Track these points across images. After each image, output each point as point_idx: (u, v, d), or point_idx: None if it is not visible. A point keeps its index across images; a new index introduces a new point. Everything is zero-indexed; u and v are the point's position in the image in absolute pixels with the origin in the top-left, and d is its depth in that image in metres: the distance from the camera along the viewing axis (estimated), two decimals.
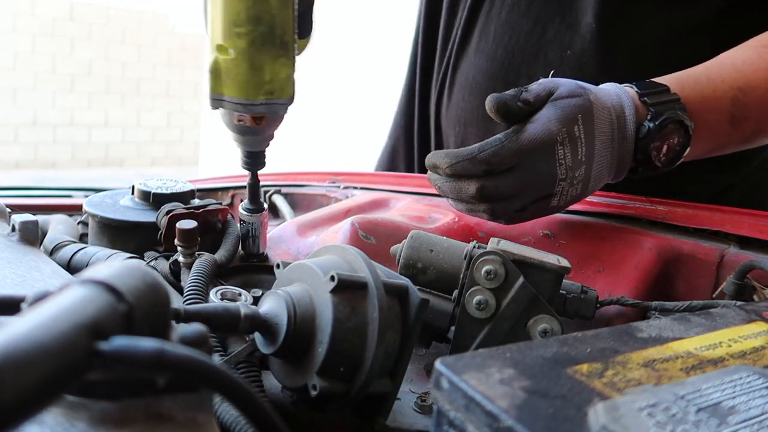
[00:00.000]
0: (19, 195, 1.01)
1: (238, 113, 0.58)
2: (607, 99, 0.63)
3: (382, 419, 0.42)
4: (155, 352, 0.24)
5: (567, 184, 0.60)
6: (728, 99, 0.67)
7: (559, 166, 0.59)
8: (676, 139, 0.64)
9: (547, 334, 0.48)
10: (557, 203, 0.61)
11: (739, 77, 0.68)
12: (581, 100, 0.61)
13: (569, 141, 0.59)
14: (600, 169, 0.62)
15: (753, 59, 0.70)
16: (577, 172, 0.60)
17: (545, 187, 0.60)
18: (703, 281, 0.58)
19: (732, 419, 0.26)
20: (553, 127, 0.59)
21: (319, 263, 0.42)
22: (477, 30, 0.91)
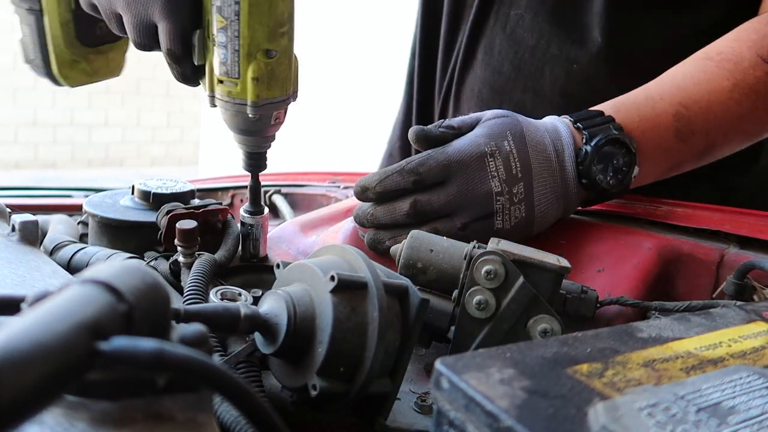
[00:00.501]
0: (19, 195, 1.01)
1: (277, 111, 0.59)
2: (540, 125, 0.63)
3: (382, 419, 0.42)
4: (155, 352, 0.24)
5: (506, 200, 0.59)
6: (670, 115, 0.66)
7: (492, 179, 0.59)
8: (619, 160, 0.63)
9: (547, 334, 0.48)
10: (502, 224, 0.60)
11: (679, 93, 0.67)
12: (509, 120, 0.62)
13: (499, 154, 0.60)
14: (544, 193, 0.61)
15: (693, 73, 0.69)
16: (515, 188, 0.60)
17: (483, 203, 0.59)
18: (703, 281, 0.58)
19: (732, 419, 0.26)
20: (481, 141, 0.60)
21: (319, 263, 0.42)
22: (482, 44, 0.92)
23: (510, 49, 0.88)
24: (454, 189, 0.59)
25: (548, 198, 0.62)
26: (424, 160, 0.59)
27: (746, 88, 0.67)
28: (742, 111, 0.67)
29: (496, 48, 0.90)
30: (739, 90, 0.67)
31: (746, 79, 0.67)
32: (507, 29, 0.89)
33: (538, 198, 0.61)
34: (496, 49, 0.90)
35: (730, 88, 0.67)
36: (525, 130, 0.61)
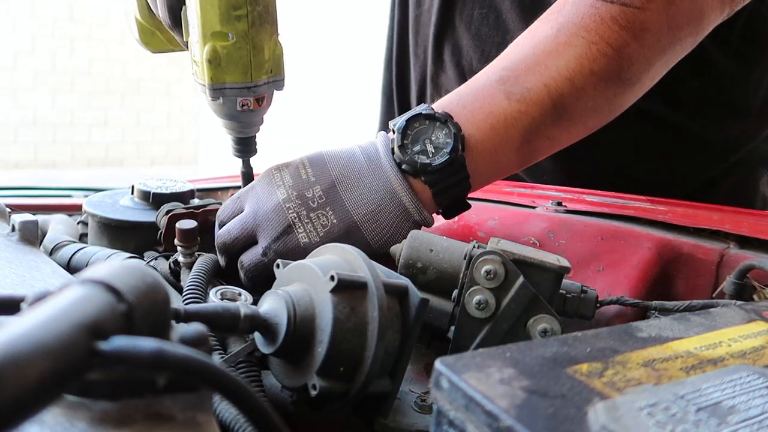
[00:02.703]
0: (19, 195, 1.01)
1: (242, 98, 0.58)
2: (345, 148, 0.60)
3: (382, 419, 0.42)
4: (155, 351, 0.24)
5: (297, 205, 0.56)
6: (493, 81, 0.60)
7: (278, 188, 0.57)
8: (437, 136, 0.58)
9: (546, 333, 0.48)
10: (307, 236, 0.56)
11: (502, 60, 0.62)
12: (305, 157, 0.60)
13: (287, 166, 0.58)
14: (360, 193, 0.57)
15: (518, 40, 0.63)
16: (309, 192, 0.56)
17: (276, 216, 0.56)
18: (703, 281, 0.58)
19: (732, 419, 0.26)
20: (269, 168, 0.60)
21: (318, 263, 0.42)
22: (448, 46, 0.92)
23: (476, 48, 0.89)
24: (245, 213, 0.58)
25: (369, 197, 0.57)
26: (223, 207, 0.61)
27: (572, 26, 0.60)
28: (576, 51, 0.59)
29: (463, 49, 0.90)
30: (564, 32, 0.60)
31: (571, 19, 0.60)
32: (472, 29, 0.89)
33: (354, 200, 0.56)
34: (463, 50, 0.90)
35: (555, 35, 0.60)
36: (323, 151, 0.60)
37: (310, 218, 0.56)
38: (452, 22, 0.91)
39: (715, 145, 0.88)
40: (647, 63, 0.61)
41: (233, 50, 0.56)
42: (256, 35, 0.56)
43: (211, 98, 0.57)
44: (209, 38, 0.56)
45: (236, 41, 0.55)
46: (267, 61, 0.58)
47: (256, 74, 0.57)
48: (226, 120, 0.61)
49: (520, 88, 0.59)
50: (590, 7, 0.60)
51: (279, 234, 0.56)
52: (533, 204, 0.72)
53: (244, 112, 0.59)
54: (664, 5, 0.60)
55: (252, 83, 0.57)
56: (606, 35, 0.59)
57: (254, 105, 0.59)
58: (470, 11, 0.89)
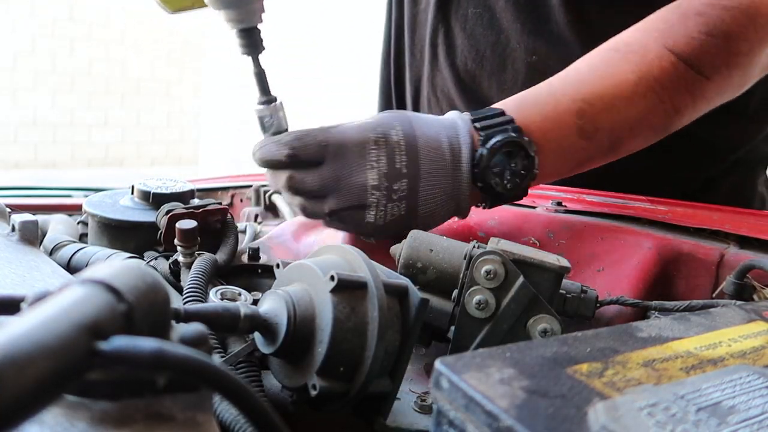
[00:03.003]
0: (19, 195, 1.01)
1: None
2: (436, 122, 0.61)
3: (382, 419, 0.42)
4: (155, 351, 0.24)
5: (383, 195, 0.57)
6: (573, 113, 0.63)
7: (371, 169, 0.56)
8: (517, 163, 0.60)
9: (546, 333, 0.48)
10: (374, 218, 0.58)
11: (582, 87, 0.64)
12: (398, 113, 0.60)
13: (385, 143, 0.57)
14: (433, 193, 0.59)
15: (598, 65, 0.66)
16: (397, 185, 0.57)
17: (357, 193, 0.57)
18: (703, 281, 0.58)
19: (732, 419, 0.26)
20: (368, 126, 0.57)
21: (318, 263, 0.42)
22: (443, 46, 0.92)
23: (471, 48, 0.89)
24: (328, 173, 0.57)
25: (437, 198, 0.59)
26: (303, 135, 0.58)
27: (651, 80, 0.64)
28: (647, 104, 0.64)
29: (458, 48, 0.90)
30: (644, 83, 0.64)
31: (651, 71, 0.64)
32: (467, 29, 0.89)
33: (425, 198, 0.58)
34: (458, 49, 0.90)
35: (635, 81, 0.64)
36: (415, 125, 0.59)
37: (386, 207, 0.57)
38: (447, 22, 0.92)
39: (714, 146, 0.88)
40: (691, 118, 0.69)
41: None
42: None
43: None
44: None
45: None
46: None
47: None
48: (223, 8, 0.58)
49: (591, 127, 0.63)
50: (672, 66, 0.64)
51: (352, 207, 0.57)
52: (533, 204, 0.72)
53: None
54: (725, 78, 0.66)
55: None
56: (675, 97, 0.65)
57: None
58: (465, 10, 0.89)
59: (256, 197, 0.96)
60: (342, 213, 0.58)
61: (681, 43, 0.64)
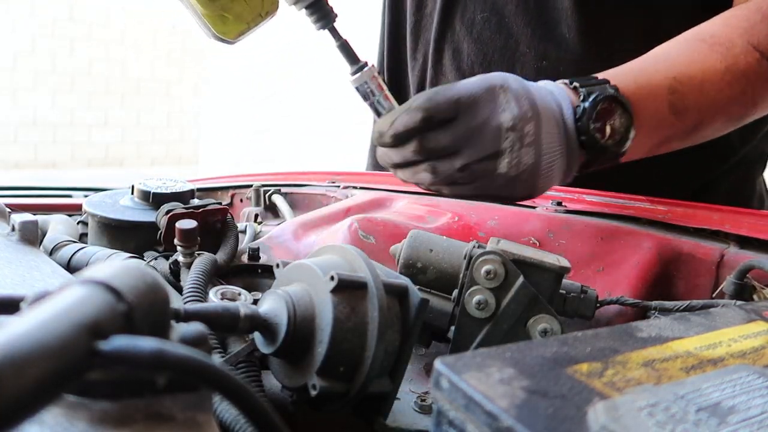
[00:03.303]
0: (19, 195, 1.01)
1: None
2: (540, 84, 0.62)
3: (381, 419, 0.42)
4: (155, 351, 0.24)
5: (516, 138, 0.57)
6: (665, 87, 0.65)
7: (503, 112, 0.56)
8: (616, 119, 0.61)
9: (546, 333, 0.48)
10: (507, 167, 0.57)
11: (674, 68, 0.67)
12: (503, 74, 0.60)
13: (510, 89, 0.57)
14: (551, 142, 0.59)
15: (686, 52, 0.69)
16: (527, 127, 0.57)
17: (491, 138, 0.56)
18: (703, 281, 0.58)
19: (732, 419, 0.26)
20: (489, 77, 0.58)
21: (319, 263, 0.42)
22: (449, 50, 0.92)
23: (479, 52, 0.89)
24: (462, 124, 0.57)
25: (554, 148, 0.59)
26: (432, 95, 0.57)
27: (738, 72, 0.67)
28: (732, 94, 0.68)
29: (464, 53, 0.90)
30: (731, 73, 0.67)
31: (737, 63, 0.67)
32: (474, 32, 0.89)
33: (547, 145, 0.59)
34: (464, 53, 0.90)
35: (723, 71, 0.67)
36: (527, 84, 0.60)
37: (519, 154, 0.57)
38: (453, 26, 0.91)
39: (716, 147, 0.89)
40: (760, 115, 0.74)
41: None
42: None
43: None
44: None
45: None
46: None
47: None
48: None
49: (681, 105, 0.66)
50: (756, 62, 0.69)
51: (485, 156, 0.57)
52: (533, 204, 0.72)
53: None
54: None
55: None
56: (757, 91, 0.70)
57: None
58: (472, 15, 0.89)
59: (256, 197, 0.96)
60: (475, 166, 0.57)
61: (765, 42, 0.69)
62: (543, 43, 0.83)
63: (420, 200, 0.78)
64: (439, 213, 0.73)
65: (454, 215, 0.71)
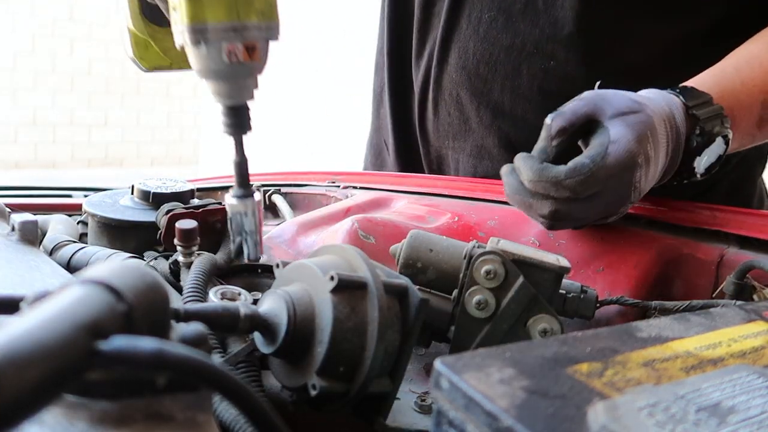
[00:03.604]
0: (19, 195, 1.01)
1: (228, 43, 0.47)
2: (659, 110, 0.62)
3: (381, 419, 0.42)
4: (155, 351, 0.24)
5: (636, 188, 0.59)
6: (758, 102, 0.66)
7: (634, 191, 0.58)
8: (715, 152, 0.63)
9: (546, 333, 0.48)
10: (625, 209, 0.61)
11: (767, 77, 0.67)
12: (645, 116, 0.59)
13: (645, 161, 0.58)
14: (654, 179, 0.62)
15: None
16: (650, 173, 0.59)
17: (613, 210, 0.59)
18: (703, 281, 0.58)
19: (731, 418, 0.26)
20: (634, 149, 0.57)
21: (318, 263, 0.42)
22: (455, 49, 0.92)
23: (485, 51, 0.89)
24: (598, 202, 0.58)
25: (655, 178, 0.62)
26: (587, 178, 0.56)
27: None
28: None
29: (470, 51, 0.90)
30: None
31: None
32: (480, 32, 0.89)
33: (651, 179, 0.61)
34: (470, 52, 0.90)
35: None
36: (656, 124, 0.60)
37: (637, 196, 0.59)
38: (459, 25, 0.91)
39: None
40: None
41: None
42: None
43: (192, 42, 0.47)
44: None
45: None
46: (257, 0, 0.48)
47: (243, 12, 0.47)
48: (211, 78, 0.50)
49: None
50: None
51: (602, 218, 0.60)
52: None
53: (231, 64, 0.48)
54: None
55: (239, 23, 0.47)
56: None
57: (244, 56, 0.48)
58: (479, 14, 0.89)
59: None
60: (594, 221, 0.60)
61: None
62: (551, 43, 0.83)
63: (420, 200, 0.78)
64: (439, 213, 0.73)
65: (454, 215, 0.71)
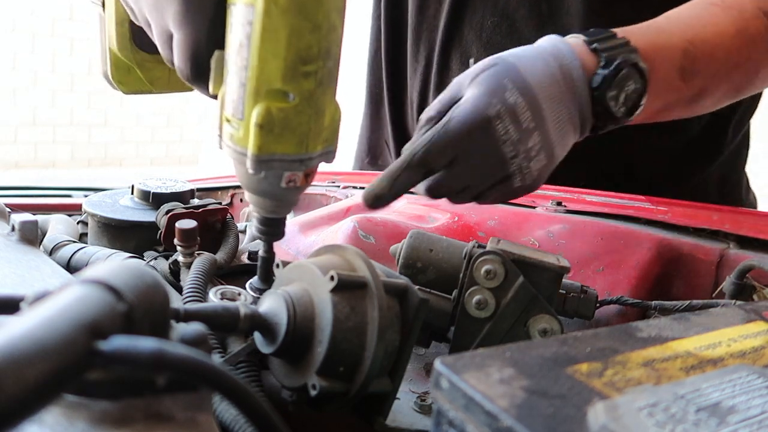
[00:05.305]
0: (19, 195, 1.01)
1: (291, 173, 0.46)
2: (537, 54, 0.58)
3: (381, 419, 0.42)
4: (155, 351, 0.24)
5: (522, 159, 0.55)
6: (679, 50, 0.63)
7: (503, 144, 0.54)
8: (632, 86, 0.59)
9: (546, 333, 0.48)
10: (521, 182, 0.56)
11: (689, 30, 0.65)
12: (500, 68, 0.56)
13: (506, 112, 0.54)
14: (561, 128, 0.57)
15: (701, 14, 0.67)
16: (530, 142, 0.55)
17: (497, 170, 0.55)
18: (703, 281, 0.58)
19: (731, 418, 0.26)
20: (481, 103, 0.54)
21: (318, 263, 0.42)
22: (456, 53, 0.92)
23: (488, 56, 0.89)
24: (463, 167, 0.55)
25: (567, 132, 0.58)
26: (428, 148, 0.54)
27: (747, 37, 0.66)
28: (739, 60, 0.67)
29: (473, 56, 0.90)
30: (740, 38, 0.66)
31: (748, 28, 0.66)
32: (483, 37, 0.89)
33: (556, 138, 0.57)
34: (473, 57, 0.89)
35: (734, 34, 0.66)
36: (524, 71, 0.56)
37: (529, 168, 0.55)
38: (461, 30, 0.91)
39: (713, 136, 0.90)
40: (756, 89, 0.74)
41: (293, 114, 0.44)
42: (321, 96, 0.44)
43: (253, 171, 0.45)
44: (263, 97, 0.43)
45: (298, 103, 0.43)
46: (326, 129, 0.46)
47: (312, 144, 0.45)
48: (261, 197, 0.49)
49: (691, 69, 0.64)
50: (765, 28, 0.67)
51: (496, 183, 0.56)
52: (533, 204, 0.72)
53: (288, 189, 0.47)
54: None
55: (306, 155, 0.45)
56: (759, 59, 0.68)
57: (302, 181, 0.47)
58: (480, 19, 0.89)
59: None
60: (488, 192, 0.57)
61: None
62: None
63: (420, 200, 0.78)
64: (439, 213, 0.73)
65: (454, 215, 0.71)
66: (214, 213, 0.64)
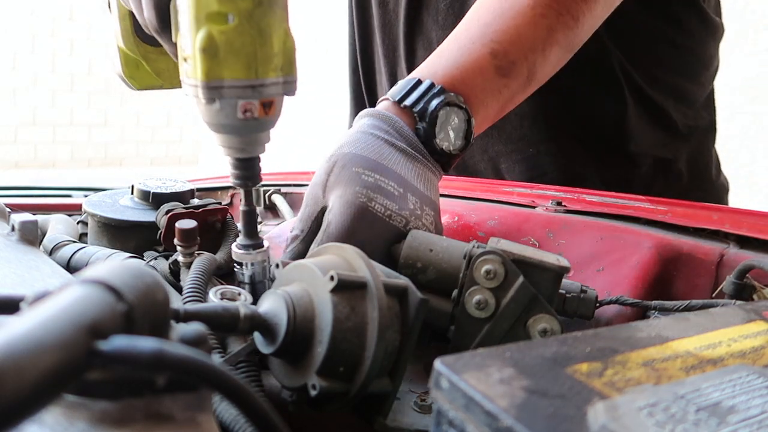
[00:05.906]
0: (18, 195, 1.01)
1: (244, 101, 0.45)
2: (363, 134, 0.58)
3: (381, 419, 0.42)
4: (154, 351, 0.24)
5: (414, 220, 0.55)
6: (487, 54, 0.63)
7: (390, 218, 0.54)
8: (455, 120, 0.60)
9: (546, 333, 0.48)
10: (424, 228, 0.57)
11: (488, 30, 0.65)
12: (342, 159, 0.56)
13: (375, 191, 0.54)
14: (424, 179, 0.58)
15: (494, 6, 0.67)
16: (410, 204, 0.55)
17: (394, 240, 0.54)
18: (703, 281, 0.58)
19: (731, 418, 0.26)
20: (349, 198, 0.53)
21: (318, 263, 0.42)
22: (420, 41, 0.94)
23: None
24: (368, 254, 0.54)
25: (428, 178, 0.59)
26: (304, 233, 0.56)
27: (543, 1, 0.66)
28: (549, 22, 0.66)
29: (434, 42, 0.91)
30: (539, 5, 0.65)
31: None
32: (439, 20, 0.90)
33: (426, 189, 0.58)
34: (434, 42, 0.91)
35: (531, 5, 0.65)
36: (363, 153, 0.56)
37: (425, 225, 0.56)
38: (420, 17, 0.93)
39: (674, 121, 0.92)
40: (593, 25, 0.71)
41: (234, 35, 0.43)
42: (262, 18, 0.44)
43: (206, 100, 0.45)
44: (203, 22, 0.44)
45: (238, 24, 0.43)
46: (276, 55, 0.45)
47: (262, 69, 0.45)
48: (223, 133, 0.48)
49: (507, 62, 0.64)
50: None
51: None
52: (533, 204, 0.72)
53: (246, 120, 0.46)
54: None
55: (257, 80, 0.45)
56: (571, 7, 0.67)
57: (260, 112, 0.46)
58: (436, 4, 0.91)
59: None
60: None
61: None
62: None
63: None
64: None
65: (454, 215, 0.71)
66: (214, 213, 0.64)
